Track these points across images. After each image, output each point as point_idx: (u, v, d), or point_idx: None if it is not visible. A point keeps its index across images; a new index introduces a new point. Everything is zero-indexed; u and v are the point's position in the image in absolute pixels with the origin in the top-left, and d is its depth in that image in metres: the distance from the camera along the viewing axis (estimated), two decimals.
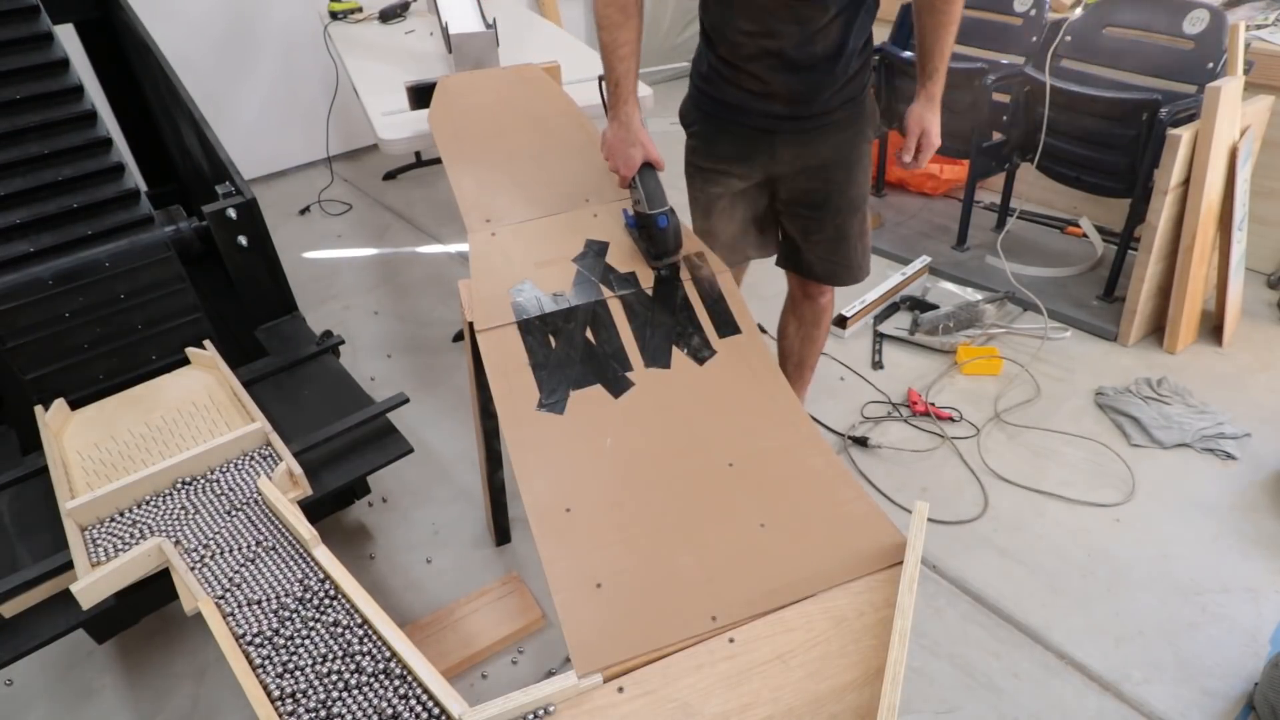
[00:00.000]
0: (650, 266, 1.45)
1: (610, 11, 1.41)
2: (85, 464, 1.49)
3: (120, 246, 1.67)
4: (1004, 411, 2.30)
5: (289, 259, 2.85)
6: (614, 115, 1.46)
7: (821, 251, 1.74)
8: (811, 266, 1.78)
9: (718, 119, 1.62)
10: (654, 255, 1.44)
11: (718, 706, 0.93)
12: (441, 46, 2.54)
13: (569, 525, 1.12)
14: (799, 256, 1.78)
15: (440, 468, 2.20)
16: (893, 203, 3.50)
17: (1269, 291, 2.76)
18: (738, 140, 1.61)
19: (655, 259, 1.44)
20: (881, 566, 1.06)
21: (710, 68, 1.58)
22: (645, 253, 1.46)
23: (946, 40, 1.50)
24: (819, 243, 1.73)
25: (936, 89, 1.55)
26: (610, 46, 1.43)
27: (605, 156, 1.49)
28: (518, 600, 1.78)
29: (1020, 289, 2.69)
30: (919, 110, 1.57)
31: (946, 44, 1.50)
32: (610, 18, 1.41)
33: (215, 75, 3.69)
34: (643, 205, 1.42)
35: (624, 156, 1.44)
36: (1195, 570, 1.81)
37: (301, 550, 1.26)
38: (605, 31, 1.43)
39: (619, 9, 1.40)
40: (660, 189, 1.43)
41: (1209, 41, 2.38)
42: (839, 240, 1.72)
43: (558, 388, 1.29)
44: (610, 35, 1.42)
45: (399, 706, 0.98)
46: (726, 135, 1.62)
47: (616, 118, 1.46)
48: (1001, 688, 1.59)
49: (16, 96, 1.79)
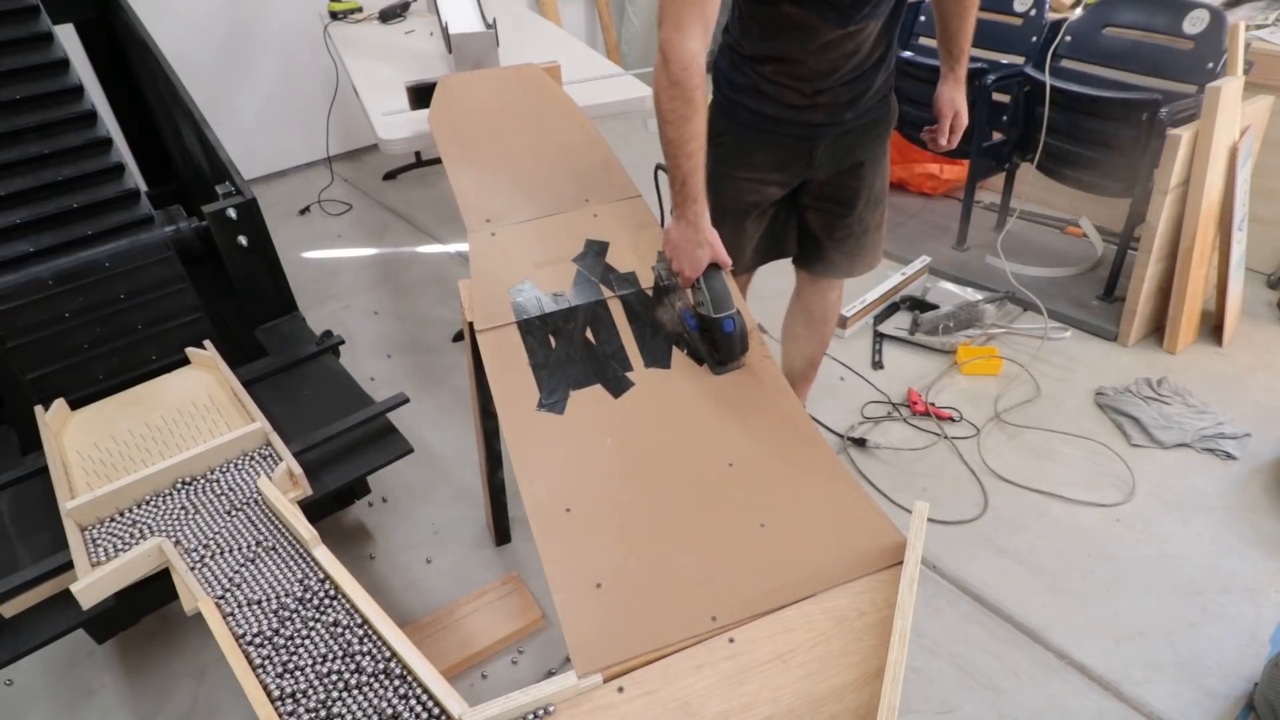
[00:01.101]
0: (714, 372, 1.33)
1: (676, 105, 1.26)
2: (85, 464, 1.49)
3: (120, 246, 1.67)
4: (1004, 411, 2.30)
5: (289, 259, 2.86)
6: (680, 214, 1.34)
7: (846, 246, 1.74)
8: (831, 261, 1.77)
9: (755, 130, 1.56)
10: (718, 361, 1.33)
11: (718, 706, 0.93)
12: (441, 46, 2.54)
13: (569, 525, 1.12)
14: (818, 253, 1.77)
15: (440, 468, 2.20)
16: (893, 203, 3.48)
17: (1269, 291, 2.76)
18: (776, 150, 1.57)
19: (720, 364, 1.33)
20: (881, 566, 1.06)
21: (748, 83, 1.52)
22: (708, 358, 1.34)
23: (970, 22, 1.57)
24: (843, 238, 1.72)
25: (963, 70, 1.63)
26: (676, 142, 1.29)
27: (668, 255, 1.37)
28: (518, 600, 1.78)
29: (1020, 289, 2.69)
30: (949, 93, 1.64)
31: (970, 25, 1.58)
32: (676, 111, 1.27)
33: (215, 75, 3.69)
34: (707, 308, 1.31)
35: (691, 258, 1.33)
36: (1195, 570, 1.81)
37: (301, 550, 1.26)
38: (670, 126, 1.28)
39: (685, 102, 1.26)
40: (727, 291, 1.32)
41: (1209, 41, 2.38)
42: (863, 234, 1.73)
43: (558, 388, 1.29)
44: (676, 130, 1.28)
45: (399, 706, 0.98)
46: (765, 146, 1.57)
47: (684, 217, 1.33)
48: (1001, 688, 1.59)
49: (16, 96, 1.79)
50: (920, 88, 2.83)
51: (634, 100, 2.16)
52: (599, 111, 2.08)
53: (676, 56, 1.24)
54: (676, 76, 1.25)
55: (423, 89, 1.89)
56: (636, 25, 4.88)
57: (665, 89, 1.26)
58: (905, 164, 3.53)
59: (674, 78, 1.25)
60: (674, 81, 1.25)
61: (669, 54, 1.25)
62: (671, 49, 1.24)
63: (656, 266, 1.45)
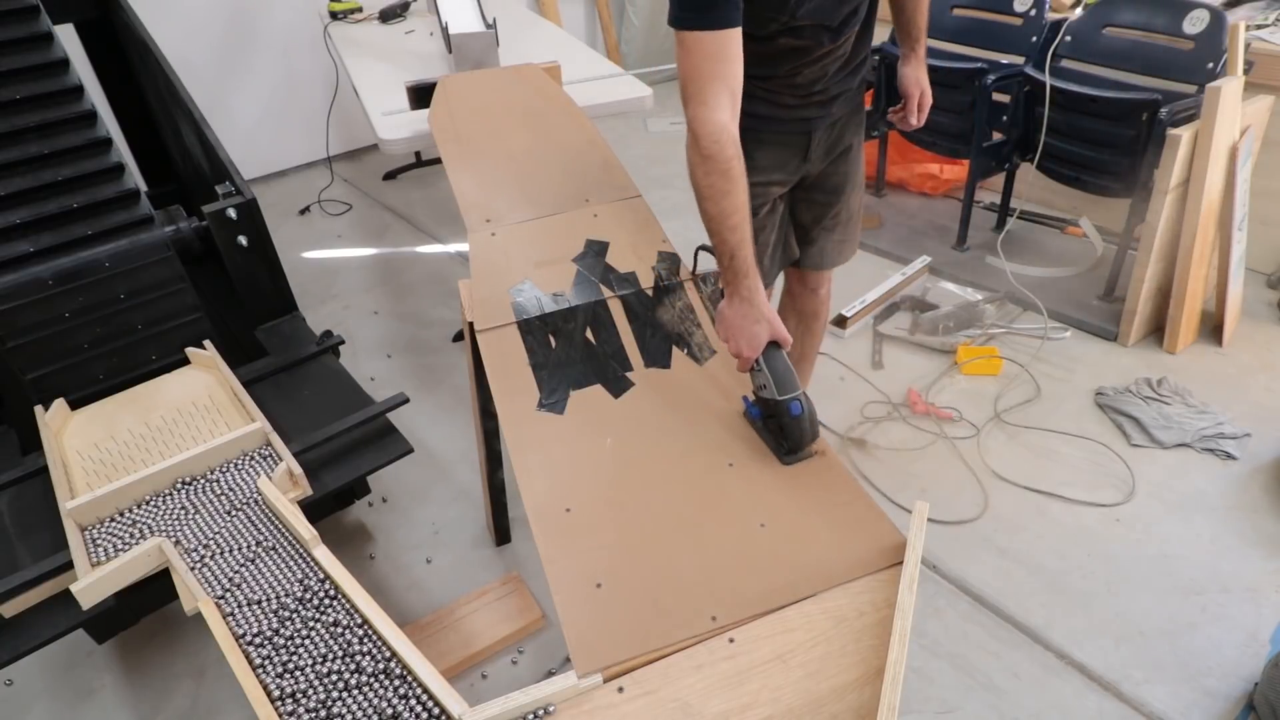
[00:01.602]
0: (782, 462, 1.21)
1: (714, 180, 1.21)
2: (85, 464, 1.49)
3: (120, 246, 1.67)
4: (1004, 411, 2.30)
5: (289, 259, 2.85)
6: (733, 291, 1.24)
7: (836, 235, 1.76)
8: (824, 252, 1.78)
9: (752, 132, 1.54)
10: (787, 450, 1.20)
11: (718, 706, 0.93)
12: (441, 46, 2.54)
13: (569, 525, 1.12)
14: (810, 246, 1.78)
15: (440, 468, 2.20)
16: (893, 203, 3.50)
17: (1269, 291, 2.76)
18: (774, 149, 1.58)
19: (789, 453, 1.20)
20: (881, 566, 1.06)
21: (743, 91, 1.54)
22: (773, 447, 1.22)
23: (926, 2, 1.63)
24: (833, 227, 1.74)
25: (923, 49, 1.67)
26: (718, 217, 1.23)
27: (723, 338, 1.27)
28: (518, 600, 1.78)
29: (1020, 289, 2.69)
30: (913, 73, 1.68)
31: (926, 5, 1.63)
32: (713, 186, 1.22)
33: (215, 75, 3.69)
34: (769, 391, 1.19)
35: (749, 336, 1.22)
36: (1195, 570, 1.81)
37: (301, 550, 1.26)
38: (709, 202, 1.23)
39: (722, 175, 1.21)
40: (790, 369, 1.20)
41: (1209, 41, 2.38)
42: (849, 221, 1.75)
43: (558, 388, 1.29)
44: (716, 205, 1.22)
45: (399, 706, 0.98)
46: (763, 147, 1.57)
47: (737, 293, 1.24)
48: (1001, 688, 1.59)
49: (16, 96, 1.79)
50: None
51: (634, 100, 2.16)
52: (599, 111, 2.08)
53: (705, 130, 1.20)
54: (708, 150, 1.20)
55: (423, 89, 1.89)
56: (636, 25, 4.88)
57: (699, 165, 1.22)
58: (905, 164, 3.53)
59: (705, 152, 1.21)
60: (706, 156, 1.21)
61: (697, 130, 1.21)
62: (699, 124, 1.21)
63: (656, 266, 1.45)
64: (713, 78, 1.21)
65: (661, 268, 1.44)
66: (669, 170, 3.78)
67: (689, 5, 1.20)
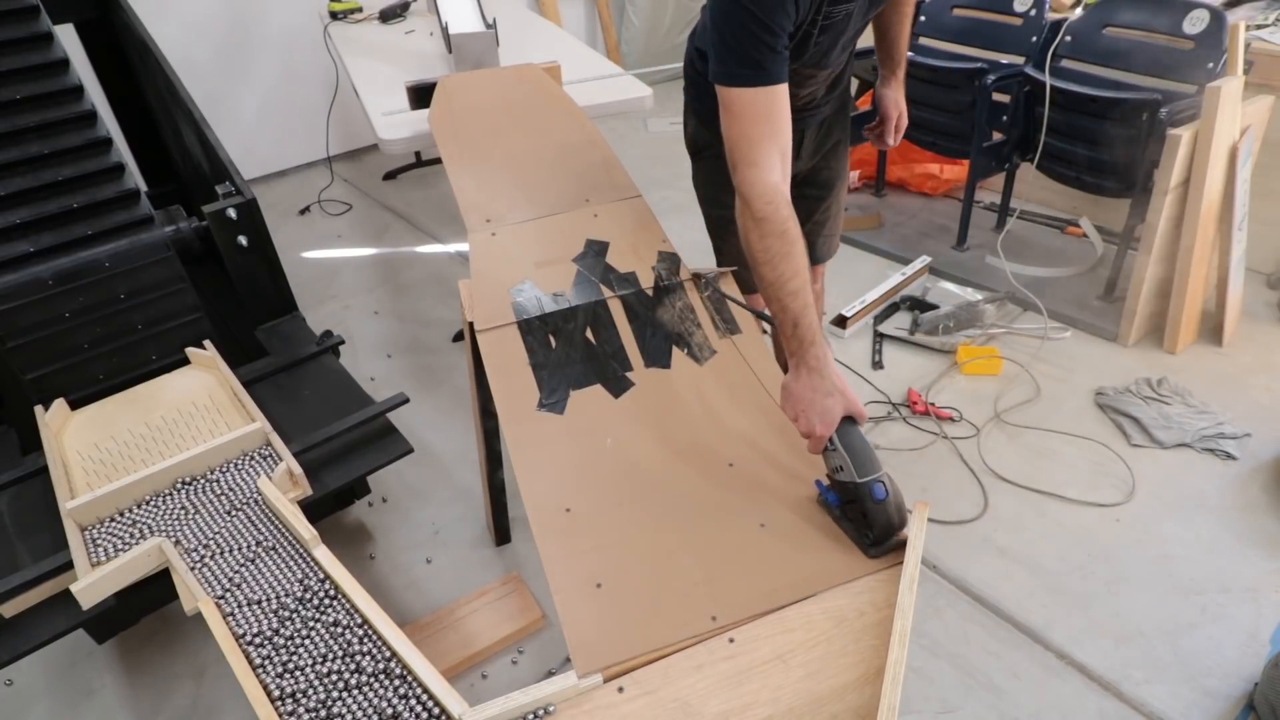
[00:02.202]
0: (868, 555, 1.08)
1: (770, 243, 1.15)
2: (85, 464, 1.49)
3: (120, 246, 1.67)
4: (1004, 411, 2.30)
5: (289, 259, 2.85)
6: (799, 361, 1.14)
7: (825, 229, 1.79)
8: (814, 247, 1.80)
9: None
10: (873, 540, 1.07)
11: (718, 706, 0.93)
12: (441, 46, 2.54)
13: (569, 525, 1.12)
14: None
15: (440, 468, 2.20)
16: (893, 203, 3.50)
17: (1269, 291, 2.76)
18: None
19: (875, 544, 1.07)
20: (881, 566, 1.06)
21: None
22: (854, 537, 1.09)
23: (907, 29, 1.65)
24: (822, 220, 1.77)
25: (902, 72, 1.71)
26: (776, 283, 1.15)
27: (791, 416, 1.14)
28: (518, 600, 1.78)
29: (1020, 289, 2.69)
30: (892, 94, 1.71)
31: (907, 31, 1.65)
32: (771, 249, 1.15)
33: (215, 75, 3.69)
34: (848, 473, 1.06)
35: (821, 410, 1.10)
36: (1195, 570, 1.81)
37: (301, 550, 1.26)
38: (767, 267, 1.16)
39: (779, 237, 1.14)
40: (869, 448, 1.07)
41: (1209, 41, 2.38)
42: (837, 214, 1.79)
43: (558, 388, 1.29)
44: (774, 271, 1.15)
45: (399, 706, 0.98)
46: None
47: (804, 364, 1.13)
48: (1001, 688, 1.59)
49: (16, 96, 1.79)
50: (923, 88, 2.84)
51: (634, 100, 2.16)
52: (599, 111, 2.08)
53: (757, 193, 1.16)
54: (761, 213, 1.15)
55: (423, 89, 1.89)
56: (636, 25, 4.88)
57: (753, 230, 1.16)
58: (905, 164, 3.53)
59: (759, 214, 1.15)
60: (760, 219, 1.15)
61: (748, 193, 1.16)
62: (749, 187, 1.16)
63: (656, 266, 1.45)
64: (763, 139, 1.16)
65: (661, 268, 1.44)
66: (669, 170, 3.78)
67: (740, 60, 1.15)
